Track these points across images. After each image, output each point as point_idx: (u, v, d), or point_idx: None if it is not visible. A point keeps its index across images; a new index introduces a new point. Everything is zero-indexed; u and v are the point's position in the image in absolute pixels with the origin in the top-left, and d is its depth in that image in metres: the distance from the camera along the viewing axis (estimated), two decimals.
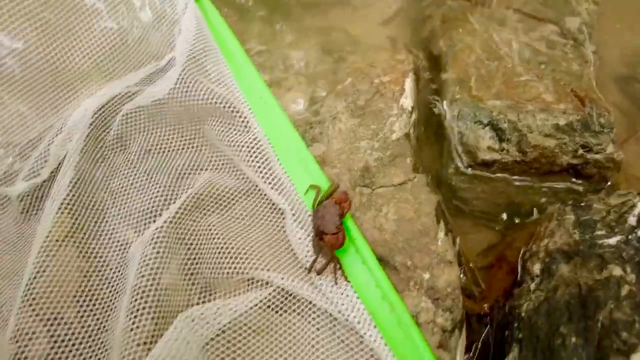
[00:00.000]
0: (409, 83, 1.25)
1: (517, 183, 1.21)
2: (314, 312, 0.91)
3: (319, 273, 0.88)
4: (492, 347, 0.97)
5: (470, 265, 1.15)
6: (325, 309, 0.89)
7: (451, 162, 1.23)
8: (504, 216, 1.22)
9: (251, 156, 1.03)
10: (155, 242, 0.93)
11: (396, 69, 1.29)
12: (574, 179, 1.17)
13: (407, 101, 1.21)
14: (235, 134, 1.06)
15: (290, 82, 1.30)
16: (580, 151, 1.13)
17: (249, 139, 1.04)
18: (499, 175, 1.21)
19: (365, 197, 1.06)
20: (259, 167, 1.02)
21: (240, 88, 1.10)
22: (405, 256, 0.96)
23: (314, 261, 0.89)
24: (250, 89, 1.11)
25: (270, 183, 1.01)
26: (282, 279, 0.90)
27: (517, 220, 1.22)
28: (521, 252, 1.11)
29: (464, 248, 1.18)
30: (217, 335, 0.86)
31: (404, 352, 0.84)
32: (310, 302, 0.90)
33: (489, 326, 1.02)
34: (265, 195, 1.02)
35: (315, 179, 1.01)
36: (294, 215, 0.97)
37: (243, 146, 1.04)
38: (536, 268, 0.94)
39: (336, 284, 0.88)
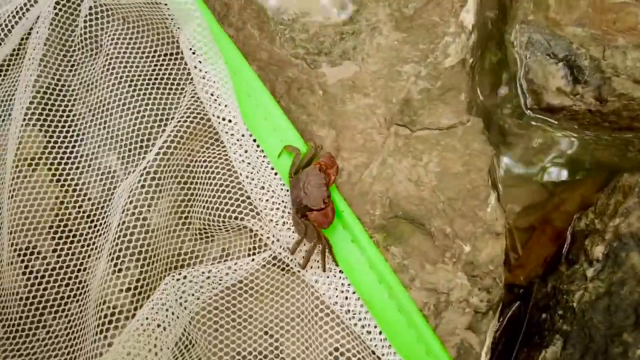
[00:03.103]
0: None
1: (582, 136, 1.01)
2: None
3: (304, 265, 0.72)
4: (524, 326, 0.85)
5: (508, 225, 1.00)
6: None
7: (509, 100, 1.00)
8: (556, 171, 1.04)
9: (215, 99, 0.78)
10: (143, 175, 0.76)
11: None
12: None
13: (469, 17, 0.95)
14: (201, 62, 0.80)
15: None
16: None
17: (215, 72, 0.79)
18: (562, 123, 1.00)
19: (401, 139, 0.86)
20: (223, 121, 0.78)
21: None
22: (444, 221, 0.79)
23: (298, 243, 0.71)
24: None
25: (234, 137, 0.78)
26: (276, 244, 0.74)
27: (569, 178, 1.04)
28: (573, 220, 0.95)
29: (502, 203, 1.02)
30: (212, 300, 0.73)
31: (406, 341, 0.72)
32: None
33: (520, 302, 0.90)
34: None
35: (288, 141, 0.80)
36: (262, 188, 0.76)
37: (209, 81, 0.79)
38: (598, 251, 0.79)
39: (324, 271, 0.72)
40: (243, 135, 0.75)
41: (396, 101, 0.88)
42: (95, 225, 0.80)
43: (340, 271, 0.74)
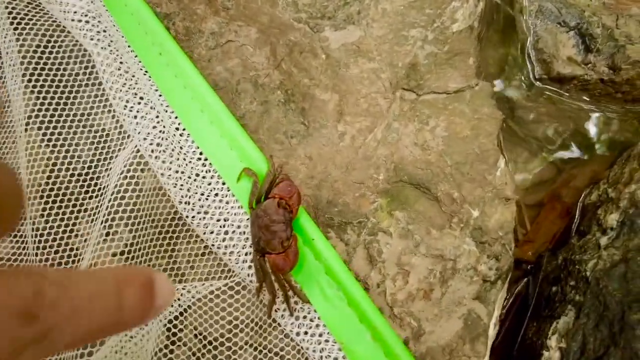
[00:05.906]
0: None
1: (593, 109, 0.97)
2: None
3: (268, 315, 0.66)
4: (533, 301, 0.82)
5: (517, 200, 0.97)
6: None
7: (518, 71, 0.97)
8: (566, 146, 1.00)
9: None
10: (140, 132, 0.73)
11: None
12: None
13: None
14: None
15: None
16: None
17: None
18: (573, 95, 0.97)
19: (407, 104, 0.83)
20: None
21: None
22: (452, 185, 0.76)
23: (259, 290, 0.65)
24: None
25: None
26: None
27: (579, 154, 1.00)
28: (582, 195, 0.91)
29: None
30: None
31: None
32: None
33: (530, 277, 0.86)
34: None
35: (245, 155, 0.72)
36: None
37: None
38: (612, 219, 0.75)
39: (292, 315, 0.65)
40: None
41: (402, 65, 0.85)
42: (88, 187, 0.77)
43: (314, 310, 0.65)
